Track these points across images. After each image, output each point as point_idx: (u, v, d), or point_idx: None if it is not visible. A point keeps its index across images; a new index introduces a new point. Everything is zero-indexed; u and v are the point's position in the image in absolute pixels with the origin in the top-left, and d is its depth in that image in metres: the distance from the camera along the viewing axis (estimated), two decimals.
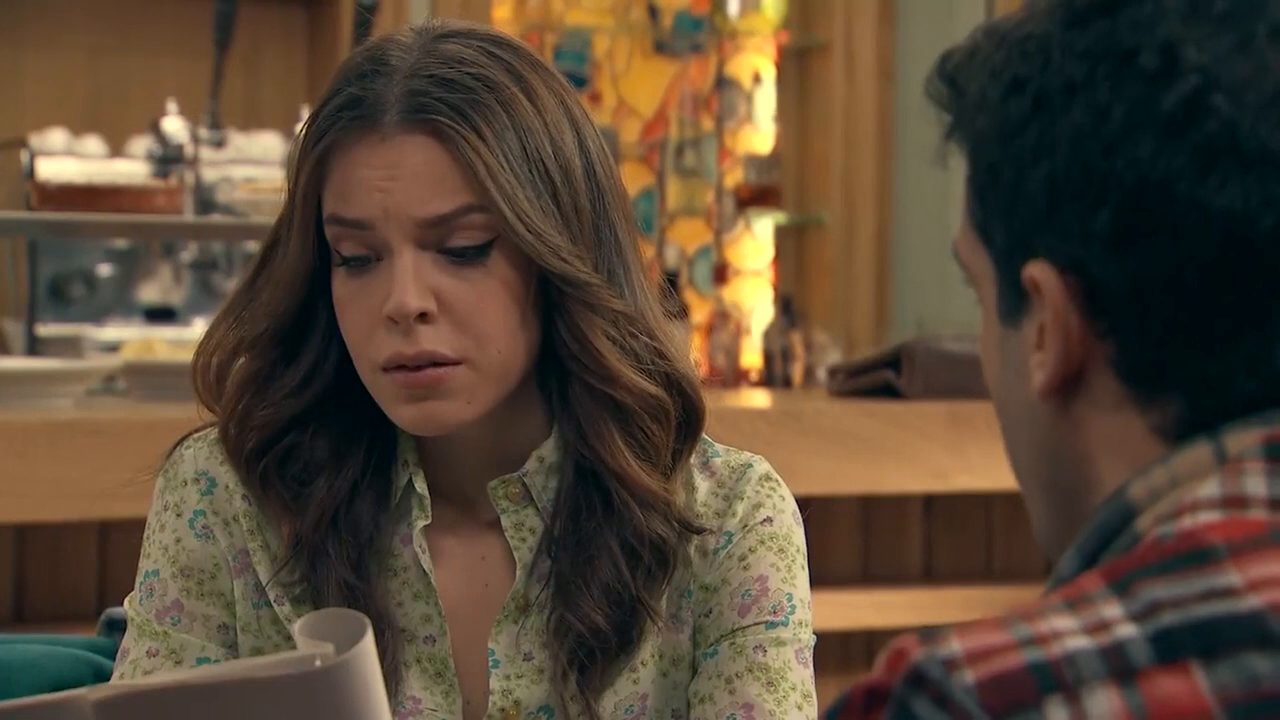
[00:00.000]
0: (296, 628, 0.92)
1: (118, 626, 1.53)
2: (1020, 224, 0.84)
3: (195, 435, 1.39)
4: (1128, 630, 0.74)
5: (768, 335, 5.19)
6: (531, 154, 1.27)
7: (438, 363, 1.27)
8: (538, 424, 1.34)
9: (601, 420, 1.30)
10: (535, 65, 1.31)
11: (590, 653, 1.32)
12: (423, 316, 1.26)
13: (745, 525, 1.37)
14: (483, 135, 1.25)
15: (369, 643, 0.91)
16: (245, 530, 1.36)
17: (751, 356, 5.29)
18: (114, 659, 1.51)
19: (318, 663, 0.89)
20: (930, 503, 3.04)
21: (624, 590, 1.32)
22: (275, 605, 1.35)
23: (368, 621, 0.92)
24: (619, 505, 1.32)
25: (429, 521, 1.34)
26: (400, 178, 1.26)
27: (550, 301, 1.29)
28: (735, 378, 5.19)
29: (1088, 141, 0.82)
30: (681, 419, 1.34)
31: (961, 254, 0.90)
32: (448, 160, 1.26)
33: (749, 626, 1.34)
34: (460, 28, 1.32)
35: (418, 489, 1.34)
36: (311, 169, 1.29)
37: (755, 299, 5.49)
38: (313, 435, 1.34)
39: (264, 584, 1.35)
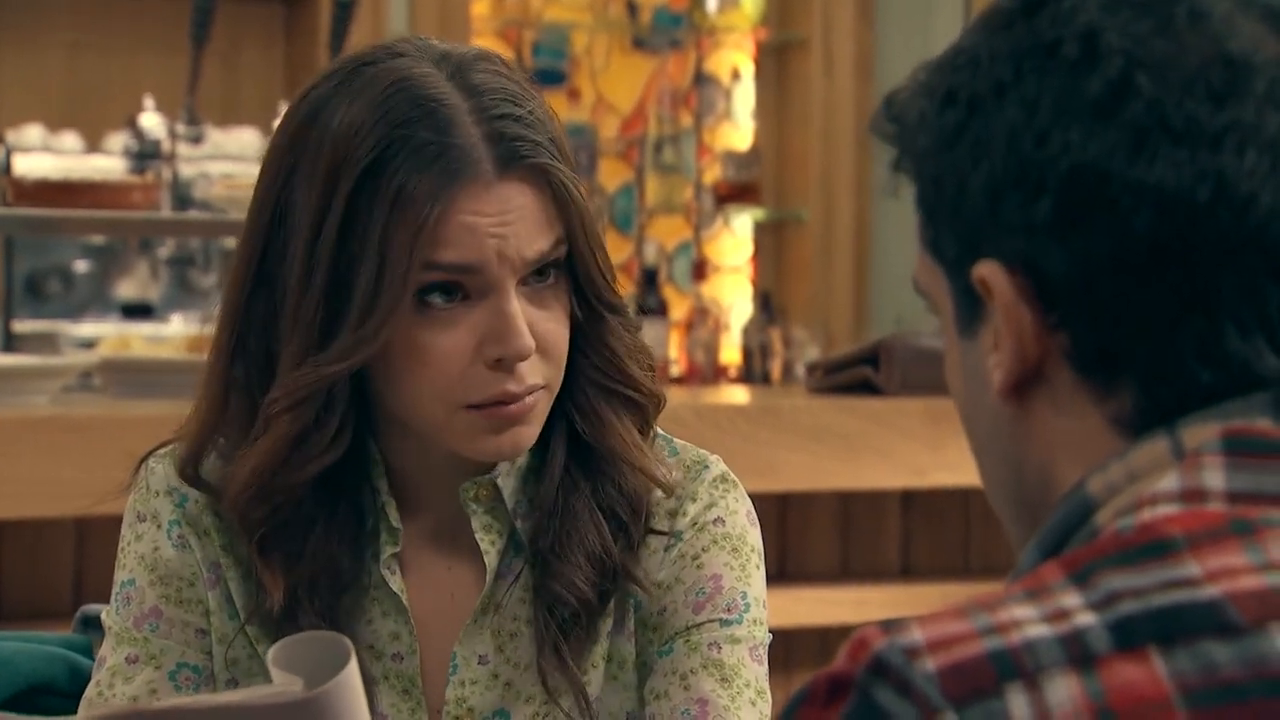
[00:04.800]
0: (270, 657, 0.92)
1: (93, 624, 1.53)
2: (966, 229, 0.86)
3: (161, 451, 1.39)
4: (1087, 619, 0.75)
5: (747, 332, 5.20)
6: (570, 170, 1.31)
7: (533, 392, 1.30)
8: None
9: (615, 415, 1.36)
10: (526, 73, 1.35)
11: (574, 615, 1.34)
12: None
13: (696, 524, 1.38)
14: (561, 166, 1.30)
15: (354, 669, 0.91)
16: (218, 545, 1.36)
17: (730, 353, 5.30)
18: (89, 655, 1.51)
19: (296, 690, 0.89)
20: (908, 499, 3.05)
21: (607, 557, 1.34)
22: (246, 624, 1.35)
23: (350, 647, 0.92)
24: (611, 470, 1.35)
25: (398, 550, 1.35)
26: (512, 221, 1.27)
27: (573, 315, 1.34)
28: (714, 374, 5.20)
29: (1021, 135, 0.83)
30: None
31: (920, 281, 0.91)
32: (546, 197, 1.29)
33: (703, 624, 1.36)
34: (460, 51, 1.32)
35: (391, 520, 1.35)
36: (415, 230, 1.25)
37: (734, 295, 5.50)
38: (313, 501, 1.32)
39: (243, 619, 1.35)
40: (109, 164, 5.06)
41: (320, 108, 1.30)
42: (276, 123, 1.36)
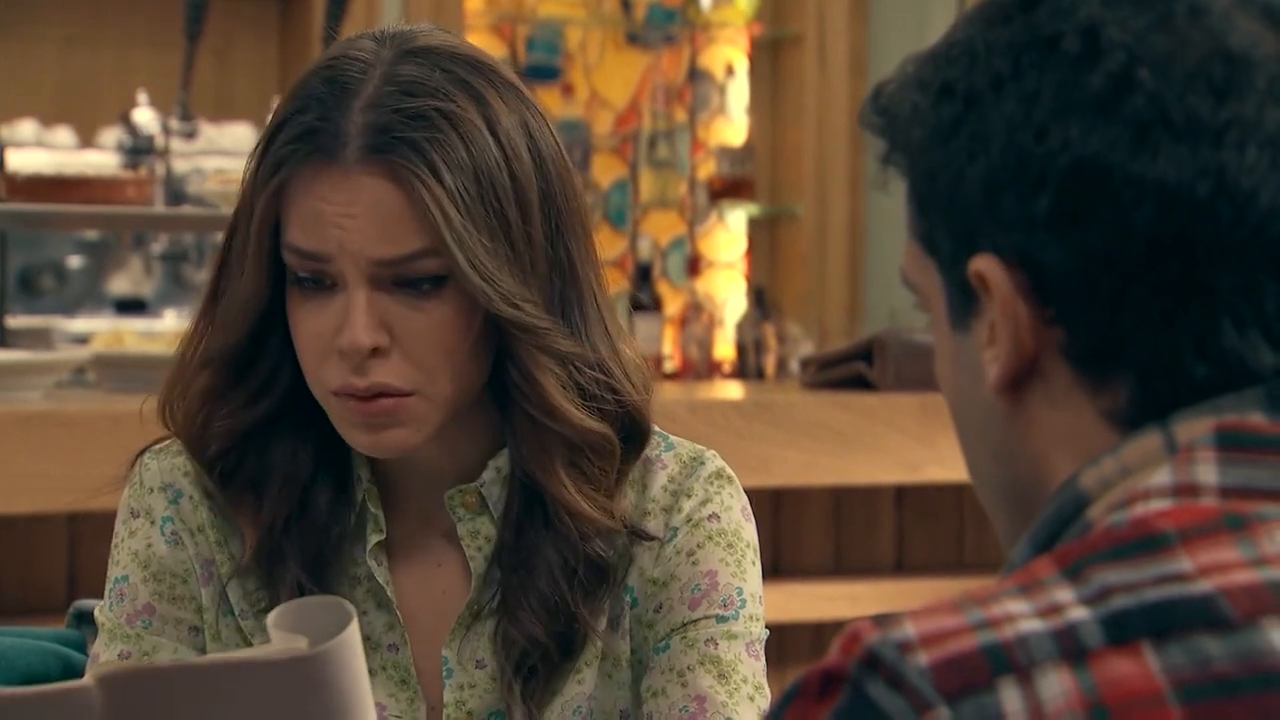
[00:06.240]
0: (271, 620, 0.93)
1: (87, 618, 1.53)
2: (962, 222, 0.85)
3: (157, 447, 1.40)
4: (1079, 613, 0.75)
5: (741, 327, 5.20)
6: (487, 191, 1.26)
7: (389, 394, 1.27)
8: (491, 436, 1.35)
9: (544, 450, 1.32)
10: (496, 80, 1.30)
11: (532, 667, 1.33)
12: (375, 350, 1.27)
13: (690, 520, 1.37)
14: (440, 177, 1.24)
15: (355, 629, 0.92)
16: (212, 541, 1.37)
17: (724, 348, 5.30)
18: (83, 650, 1.51)
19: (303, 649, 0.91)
20: (902, 494, 3.05)
21: (561, 603, 1.33)
22: (239, 618, 1.36)
23: (352, 610, 0.92)
24: (557, 523, 1.33)
25: (383, 538, 1.35)
26: (357, 216, 1.25)
27: (501, 332, 1.30)
28: (708, 370, 5.20)
29: (1020, 130, 0.83)
30: (625, 445, 1.35)
31: (909, 275, 0.91)
32: (405, 202, 1.25)
33: (700, 620, 1.35)
34: (422, 42, 1.30)
35: (371, 508, 1.35)
36: (268, 199, 1.28)
37: (728, 291, 5.50)
38: (267, 446, 1.34)
39: (225, 584, 1.36)
40: (102, 159, 5.06)
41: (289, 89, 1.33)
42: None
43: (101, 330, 4.39)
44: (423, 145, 1.25)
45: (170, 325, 4.95)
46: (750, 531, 1.39)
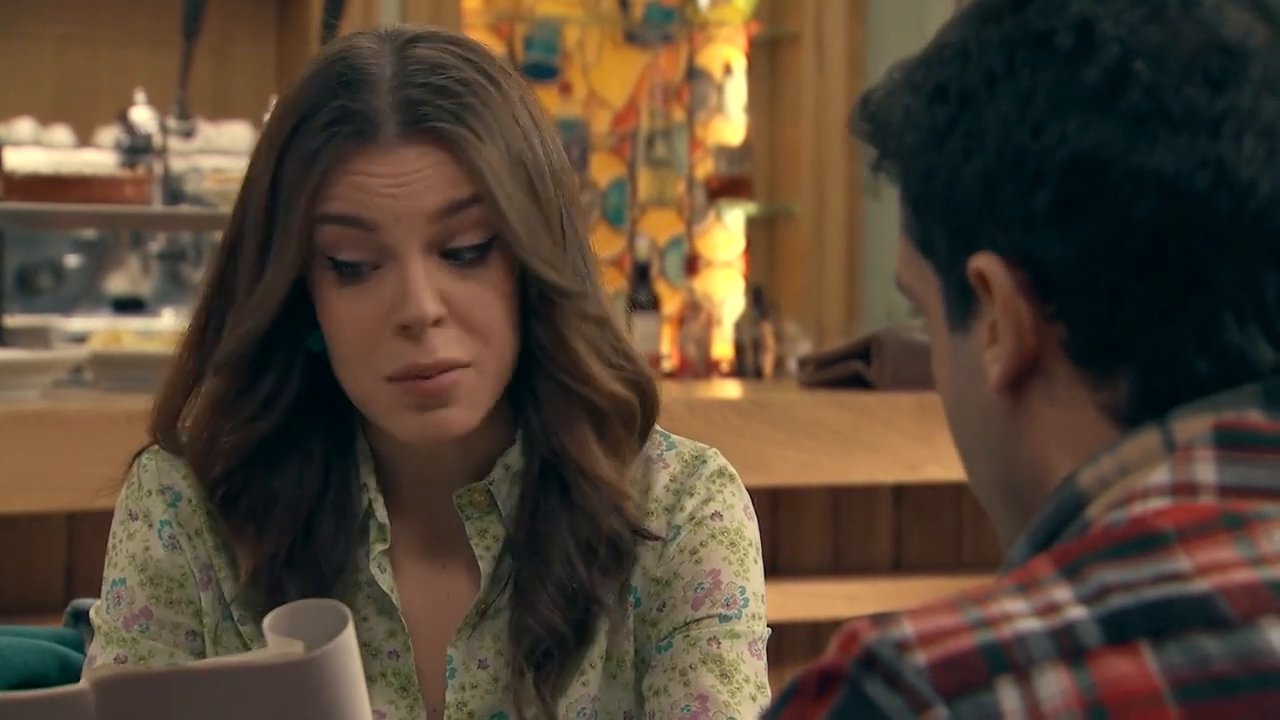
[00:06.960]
0: (266, 623, 0.93)
1: (84, 618, 1.53)
2: (960, 222, 0.85)
3: (155, 447, 1.39)
4: (1077, 612, 0.75)
5: (739, 326, 5.20)
6: (517, 159, 1.29)
7: (451, 368, 1.27)
8: (502, 432, 1.36)
9: (575, 419, 1.32)
10: (500, 67, 1.33)
11: (547, 652, 1.33)
12: (436, 322, 1.27)
13: (693, 518, 1.37)
14: (480, 136, 1.27)
15: (351, 633, 0.92)
16: (210, 545, 1.36)
17: (723, 347, 5.30)
18: (80, 650, 1.51)
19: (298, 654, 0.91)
20: (900, 493, 3.05)
21: (579, 588, 1.33)
22: (239, 624, 1.35)
23: (348, 613, 0.92)
24: (579, 501, 1.33)
25: (387, 546, 1.35)
26: (407, 183, 1.26)
27: (528, 304, 1.31)
28: (706, 369, 5.20)
29: (1016, 127, 0.83)
30: (640, 419, 1.37)
31: (904, 280, 0.91)
32: (450, 160, 1.27)
33: (702, 619, 1.35)
34: (422, 31, 1.32)
35: (378, 516, 1.35)
36: (312, 187, 1.27)
37: (726, 290, 5.50)
38: (273, 467, 1.34)
39: (228, 602, 1.35)
40: (100, 158, 5.06)
41: (286, 90, 1.33)
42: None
43: (99, 329, 4.39)
44: (457, 111, 1.27)
45: (168, 324, 4.95)
46: (752, 530, 1.40)
